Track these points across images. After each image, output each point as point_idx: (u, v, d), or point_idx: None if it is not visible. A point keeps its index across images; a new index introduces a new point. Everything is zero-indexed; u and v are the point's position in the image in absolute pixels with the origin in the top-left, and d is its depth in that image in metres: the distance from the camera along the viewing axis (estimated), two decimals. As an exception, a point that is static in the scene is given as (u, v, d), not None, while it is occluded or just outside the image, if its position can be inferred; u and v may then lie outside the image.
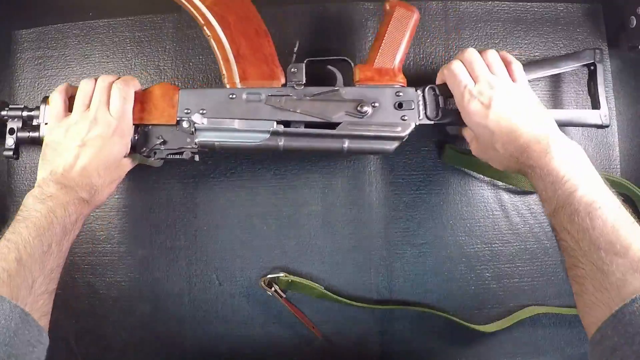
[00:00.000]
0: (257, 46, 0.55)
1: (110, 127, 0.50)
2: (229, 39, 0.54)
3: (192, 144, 0.55)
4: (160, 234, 0.64)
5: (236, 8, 0.55)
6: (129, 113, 0.52)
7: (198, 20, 0.55)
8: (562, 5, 0.68)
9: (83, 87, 0.53)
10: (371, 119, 0.55)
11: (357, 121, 0.54)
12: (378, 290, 0.64)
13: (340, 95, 0.55)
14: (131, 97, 0.53)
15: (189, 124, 0.54)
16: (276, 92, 0.55)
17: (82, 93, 0.52)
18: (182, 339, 0.63)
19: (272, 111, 0.54)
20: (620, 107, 0.68)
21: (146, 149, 0.55)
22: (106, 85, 0.52)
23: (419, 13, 0.57)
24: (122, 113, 0.51)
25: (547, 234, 0.66)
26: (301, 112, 0.54)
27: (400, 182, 0.64)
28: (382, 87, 0.56)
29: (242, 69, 0.55)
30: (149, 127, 0.55)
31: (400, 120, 0.55)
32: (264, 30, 0.55)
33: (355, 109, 0.54)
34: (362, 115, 0.54)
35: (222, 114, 0.54)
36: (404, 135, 0.55)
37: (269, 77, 0.55)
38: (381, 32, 0.56)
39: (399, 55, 0.56)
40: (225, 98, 0.54)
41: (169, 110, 0.54)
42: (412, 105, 0.55)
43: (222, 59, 0.55)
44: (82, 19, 0.60)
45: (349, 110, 0.54)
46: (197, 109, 0.54)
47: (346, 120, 0.54)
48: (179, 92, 0.55)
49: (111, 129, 0.50)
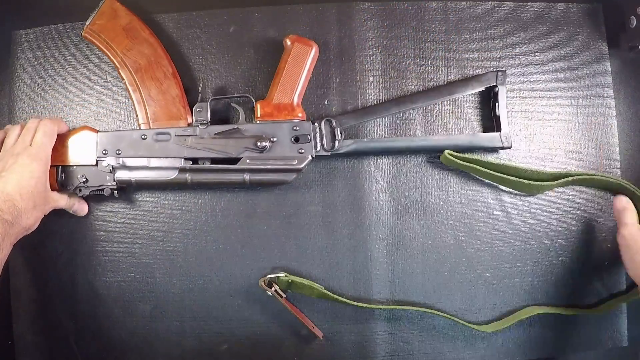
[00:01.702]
0: (166, 88, 0.60)
1: (30, 156, 0.54)
2: (141, 83, 0.60)
3: (111, 181, 0.59)
4: (160, 234, 0.64)
5: (147, 52, 0.60)
6: (48, 145, 0.56)
7: (114, 63, 0.60)
8: (562, 5, 0.68)
9: (11, 132, 0.57)
10: (270, 153, 0.59)
11: (256, 156, 0.59)
12: (378, 290, 0.64)
13: (241, 132, 0.59)
14: (53, 132, 0.57)
15: (107, 164, 0.58)
16: (182, 131, 0.59)
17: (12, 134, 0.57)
18: (182, 339, 0.63)
19: (179, 149, 0.59)
20: (620, 107, 0.68)
21: (71, 187, 0.59)
22: (33, 126, 0.57)
23: (317, 47, 0.60)
24: (41, 143, 0.55)
25: (547, 234, 0.66)
26: (205, 150, 0.59)
27: (400, 182, 0.64)
28: (280, 123, 0.60)
29: (153, 111, 0.60)
30: (73, 167, 0.59)
31: (297, 154, 0.59)
32: (172, 72, 0.60)
33: (254, 144, 0.59)
34: (261, 150, 0.59)
35: (135, 154, 0.59)
36: (300, 168, 0.59)
37: (176, 117, 0.60)
38: (280, 68, 0.60)
39: (297, 90, 0.60)
40: (138, 139, 0.59)
41: (88, 151, 0.59)
42: (308, 138, 0.60)
43: (135, 102, 0.60)
44: (82, 19, 0.60)
45: (249, 146, 0.59)
46: (113, 149, 0.59)
47: (246, 155, 0.59)
48: (97, 134, 0.59)
49: (31, 157, 0.54)
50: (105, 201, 0.64)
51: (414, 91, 0.65)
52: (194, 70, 0.65)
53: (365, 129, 0.65)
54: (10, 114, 0.65)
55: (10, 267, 0.64)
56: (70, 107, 0.65)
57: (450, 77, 0.66)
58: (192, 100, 0.61)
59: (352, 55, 0.65)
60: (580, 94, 0.67)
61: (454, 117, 0.66)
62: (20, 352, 0.64)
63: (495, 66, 0.66)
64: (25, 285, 0.64)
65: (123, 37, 0.60)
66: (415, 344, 0.64)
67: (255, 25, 0.65)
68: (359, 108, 0.64)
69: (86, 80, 0.65)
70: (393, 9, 0.66)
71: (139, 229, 0.64)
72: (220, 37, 0.65)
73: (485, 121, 0.66)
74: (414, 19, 0.66)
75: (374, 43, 0.66)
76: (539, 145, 0.66)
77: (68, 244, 0.64)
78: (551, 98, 0.67)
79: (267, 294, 0.62)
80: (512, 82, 0.66)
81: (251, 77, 0.64)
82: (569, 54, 0.67)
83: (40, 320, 0.64)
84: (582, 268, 0.66)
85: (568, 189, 0.66)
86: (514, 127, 0.66)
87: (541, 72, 0.67)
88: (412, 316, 0.64)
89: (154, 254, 0.64)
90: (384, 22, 0.66)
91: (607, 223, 0.66)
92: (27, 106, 0.65)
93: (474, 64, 0.66)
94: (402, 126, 0.65)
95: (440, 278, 0.64)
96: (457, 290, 0.65)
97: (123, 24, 0.60)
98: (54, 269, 0.64)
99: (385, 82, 0.65)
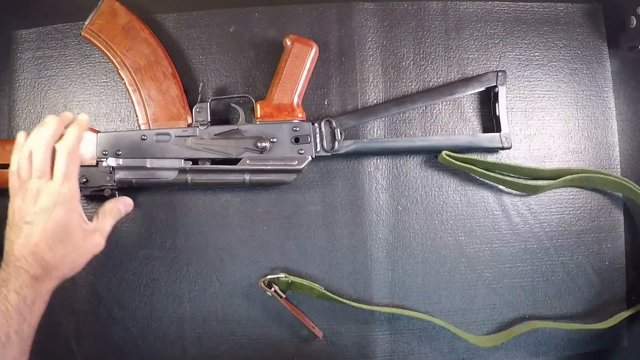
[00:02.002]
0: (166, 88, 0.60)
1: (51, 197, 0.47)
2: (140, 84, 0.59)
3: (111, 182, 0.58)
4: (160, 234, 0.64)
5: (146, 53, 0.60)
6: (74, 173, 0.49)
7: (114, 63, 0.59)
8: (562, 5, 0.68)
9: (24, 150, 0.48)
10: (270, 154, 0.59)
11: (256, 156, 0.59)
12: (378, 290, 0.64)
13: (241, 133, 0.59)
14: (77, 155, 0.49)
15: (107, 164, 0.58)
16: (182, 132, 0.59)
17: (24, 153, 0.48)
18: (182, 339, 0.63)
19: (179, 150, 0.59)
20: (620, 107, 0.68)
21: None
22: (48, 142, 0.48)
23: (317, 47, 0.60)
24: (64, 174, 0.47)
25: (547, 234, 0.66)
26: (205, 150, 0.59)
27: (400, 182, 0.64)
28: (279, 123, 0.60)
29: (153, 111, 0.59)
30: None
31: (297, 154, 0.59)
32: (172, 72, 0.60)
33: (254, 145, 0.58)
34: (261, 151, 0.59)
35: (135, 154, 0.58)
36: (300, 168, 0.59)
37: (176, 118, 0.60)
38: (280, 68, 0.60)
39: (297, 90, 0.60)
40: (138, 139, 0.59)
41: (88, 152, 0.58)
42: (308, 139, 0.60)
43: (135, 102, 0.60)
44: (82, 19, 0.60)
45: (249, 147, 0.59)
46: (113, 150, 0.58)
47: (246, 156, 0.59)
48: (97, 135, 0.59)
49: (53, 198, 0.47)
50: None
51: (414, 91, 0.65)
52: (193, 70, 0.65)
53: (365, 129, 0.65)
54: (10, 114, 0.65)
55: (10, 267, 0.64)
56: (70, 107, 0.65)
57: (450, 77, 0.66)
58: (192, 101, 0.61)
59: (352, 55, 0.65)
60: (580, 94, 0.67)
61: (454, 117, 0.66)
62: (20, 352, 0.64)
63: (495, 66, 0.66)
64: (25, 285, 0.64)
65: (122, 37, 0.59)
66: (415, 344, 0.64)
67: (255, 25, 0.65)
68: (359, 108, 0.64)
69: (86, 80, 0.65)
70: (393, 9, 0.66)
71: (139, 229, 0.64)
72: (220, 37, 0.65)
73: (485, 121, 0.66)
74: (414, 19, 0.66)
75: (374, 43, 0.66)
76: (539, 145, 0.66)
77: (68, 244, 0.64)
78: (551, 98, 0.67)
79: (267, 294, 0.62)
80: (512, 82, 0.66)
81: (251, 77, 0.64)
82: (568, 54, 0.67)
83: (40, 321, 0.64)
84: (582, 268, 0.66)
85: (568, 188, 0.66)
86: (514, 127, 0.66)
87: (541, 72, 0.67)
88: (412, 316, 0.64)
89: (154, 254, 0.64)
90: (384, 22, 0.66)
91: (607, 223, 0.66)
92: (27, 106, 0.65)
93: (474, 64, 0.66)
94: (402, 126, 0.65)
95: (440, 278, 0.64)
96: (457, 290, 0.65)
97: (122, 24, 0.60)
98: (54, 269, 0.64)
99: (385, 82, 0.65)
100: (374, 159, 0.64)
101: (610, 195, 0.67)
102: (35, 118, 0.65)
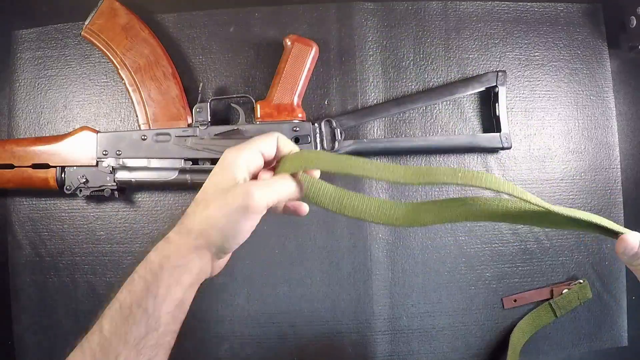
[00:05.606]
0: (166, 88, 0.60)
1: None
2: (140, 84, 0.59)
3: (111, 182, 0.59)
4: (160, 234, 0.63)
5: (146, 52, 0.60)
6: None
7: (113, 63, 0.60)
8: (562, 5, 0.68)
9: None
10: None
11: None
12: (378, 290, 0.64)
13: (241, 133, 0.59)
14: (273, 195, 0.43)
15: (107, 164, 0.58)
16: (182, 132, 0.59)
17: None
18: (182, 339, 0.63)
19: (179, 150, 0.59)
20: (620, 107, 0.68)
21: (72, 187, 0.59)
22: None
23: (317, 47, 0.60)
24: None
25: (547, 234, 0.66)
26: (205, 150, 0.59)
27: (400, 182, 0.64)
28: (279, 123, 0.60)
29: (153, 111, 0.60)
30: (73, 168, 0.59)
31: None
32: (172, 72, 0.60)
33: None
34: None
35: (135, 154, 0.59)
36: None
37: (176, 118, 0.60)
38: (280, 68, 0.60)
39: (297, 90, 0.60)
40: (138, 139, 0.59)
41: (88, 152, 0.59)
42: (308, 139, 0.60)
43: (135, 102, 0.60)
44: (82, 18, 0.60)
45: None
46: (113, 150, 0.58)
47: None
48: (97, 135, 0.59)
49: None
50: (105, 201, 0.64)
51: (414, 91, 0.65)
52: (193, 70, 0.65)
53: (365, 129, 0.65)
54: (10, 114, 0.65)
55: (10, 267, 0.64)
56: (70, 107, 0.65)
57: (450, 77, 0.66)
58: (192, 101, 0.61)
59: (352, 55, 0.65)
60: (580, 94, 0.67)
61: (454, 117, 0.66)
62: (20, 352, 0.64)
63: (495, 66, 0.66)
64: (25, 285, 0.64)
65: (122, 37, 0.59)
66: (415, 344, 0.64)
67: (255, 25, 0.65)
68: (359, 108, 0.64)
69: (86, 80, 0.65)
70: (393, 9, 0.66)
71: (139, 229, 0.64)
72: (220, 37, 0.65)
73: (485, 121, 0.66)
74: (414, 19, 0.66)
75: (374, 43, 0.66)
76: (539, 145, 0.66)
77: (68, 244, 0.64)
78: (551, 98, 0.67)
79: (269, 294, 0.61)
80: (512, 82, 0.66)
81: (251, 77, 0.64)
82: (568, 54, 0.67)
83: (40, 320, 0.64)
84: (582, 268, 0.66)
85: (568, 189, 0.66)
86: (514, 127, 0.66)
87: (541, 72, 0.67)
88: (412, 316, 0.64)
89: (154, 254, 0.63)
90: (384, 22, 0.66)
91: (607, 223, 0.66)
92: (27, 106, 0.65)
93: (474, 64, 0.66)
94: (402, 126, 0.65)
95: (440, 278, 0.64)
96: (457, 290, 0.65)
97: (122, 24, 0.60)
98: (54, 269, 0.64)
99: (385, 82, 0.65)
100: (374, 159, 0.64)
101: (610, 196, 0.67)
102: (35, 118, 0.65)
